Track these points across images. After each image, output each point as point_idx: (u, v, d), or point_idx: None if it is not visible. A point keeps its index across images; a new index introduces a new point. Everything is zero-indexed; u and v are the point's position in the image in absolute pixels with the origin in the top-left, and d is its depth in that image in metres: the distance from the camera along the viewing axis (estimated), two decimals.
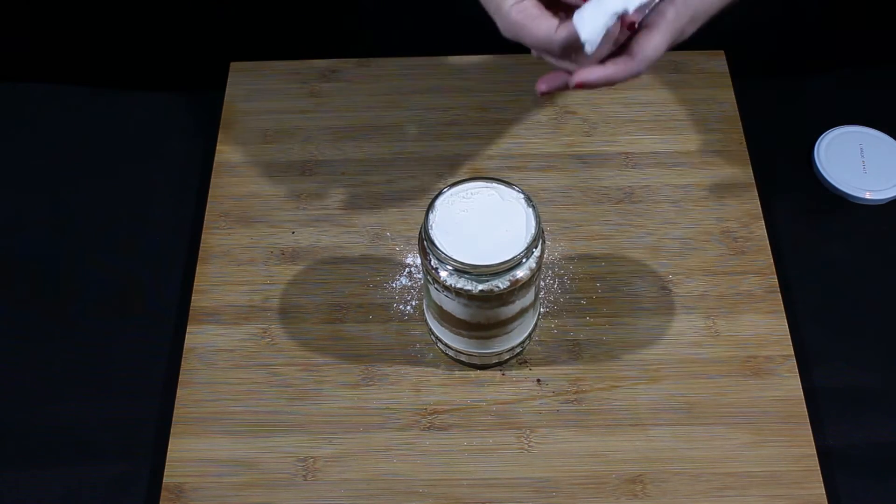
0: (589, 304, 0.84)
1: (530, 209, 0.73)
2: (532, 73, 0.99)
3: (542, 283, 0.85)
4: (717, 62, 1.00)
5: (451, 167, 0.93)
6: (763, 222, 0.88)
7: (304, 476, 0.76)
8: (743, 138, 0.94)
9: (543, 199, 0.90)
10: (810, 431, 0.77)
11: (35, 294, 0.88)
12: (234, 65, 1.01)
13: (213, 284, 0.86)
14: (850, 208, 0.91)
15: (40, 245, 0.91)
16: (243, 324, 0.84)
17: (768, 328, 0.82)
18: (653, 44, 0.69)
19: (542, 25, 0.70)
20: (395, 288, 0.86)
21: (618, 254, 0.87)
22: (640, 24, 0.69)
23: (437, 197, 0.74)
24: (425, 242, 0.72)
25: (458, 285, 0.71)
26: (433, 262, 0.72)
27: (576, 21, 0.66)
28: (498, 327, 0.76)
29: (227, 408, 0.79)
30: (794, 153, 0.95)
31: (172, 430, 0.78)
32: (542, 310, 0.83)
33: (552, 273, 0.86)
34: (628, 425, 0.78)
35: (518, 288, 0.72)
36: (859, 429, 0.79)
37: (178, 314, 0.85)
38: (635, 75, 0.69)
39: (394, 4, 1.03)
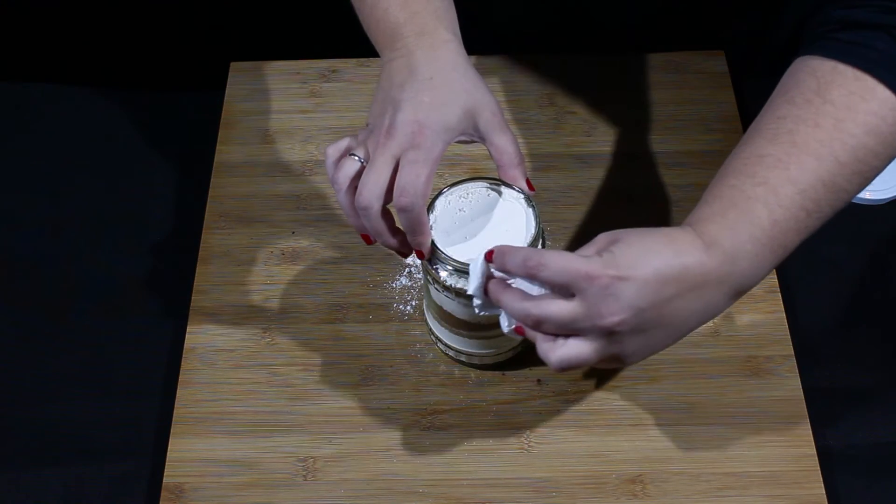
0: None
1: (530, 209, 0.72)
2: (533, 73, 1.00)
3: None
4: (717, 62, 1.00)
5: (451, 167, 0.93)
6: None
7: (304, 476, 0.76)
8: None
9: (543, 199, 0.90)
10: (810, 431, 0.77)
11: (35, 294, 0.88)
12: (234, 65, 1.01)
13: (213, 284, 0.86)
14: (850, 208, 0.91)
15: (40, 245, 0.91)
16: (243, 324, 0.84)
17: (768, 328, 0.82)
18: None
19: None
20: (395, 288, 0.86)
21: None
22: None
23: (436, 197, 0.74)
24: None
25: (458, 285, 0.71)
26: (433, 262, 0.72)
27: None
28: (498, 327, 0.76)
29: (228, 408, 0.79)
30: None
31: (172, 430, 0.78)
32: None
33: None
34: (628, 425, 0.78)
35: None
36: (859, 429, 0.79)
37: (178, 314, 0.85)
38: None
39: None
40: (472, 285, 0.67)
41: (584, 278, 0.59)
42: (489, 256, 0.65)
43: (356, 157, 0.68)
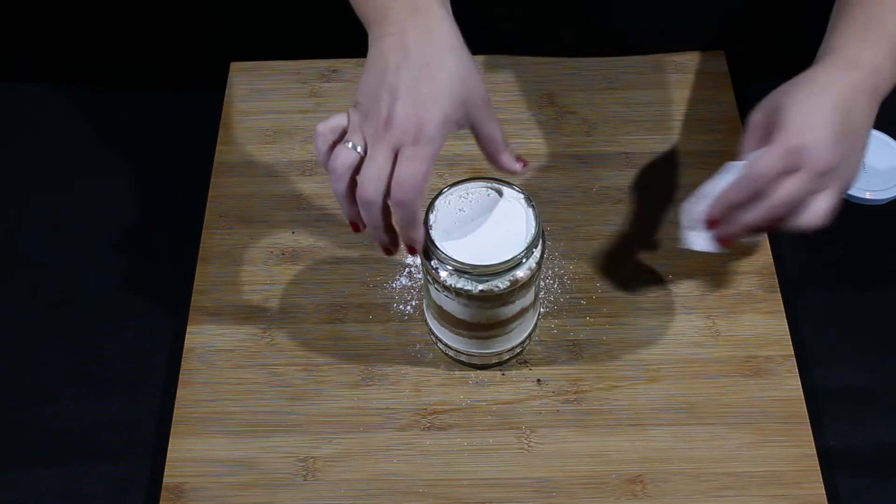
0: (589, 304, 0.84)
1: (530, 209, 0.73)
2: (533, 73, 1.00)
3: (542, 283, 0.85)
4: (717, 62, 1.00)
5: (451, 167, 0.93)
6: None
7: (304, 476, 0.76)
8: None
9: (543, 199, 0.90)
10: (810, 431, 0.77)
11: (35, 294, 0.88)
12: (234, 65, 1.01)
13: (213, 284, 0.86)
14: (850, 208, 0.91)
15: (40, 245, 0.91)
16: (243, 324, 0.84)
17: (768, 328, 0.82)
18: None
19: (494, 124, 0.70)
20: (395, 288, 0.86)
21: (618, 254, 0.87)
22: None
23: (436, 197, 0.74)
24: (425, 242, 0.72)
25: (458, 285, 0.71)
26: (433, 262, 0.72)
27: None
28: (498, 327, 0.76)
29: (227, 408, 0.79)
30: None
31: (172, 430, 0.78)
32: (542, 310, 0.83)
33: (552, 273, 0.86)
34: (628, 425, 0.78)
35: (518, 288, 0.72)
36: (859, 429, 0.79)
37: (178, 314, 0.85)
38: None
39: None
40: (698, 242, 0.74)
41: (792, 155, 0.68)
42: (712, 224, 0.72)
43: (350, 145, 0.67)
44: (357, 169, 0.67)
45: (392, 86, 0.66)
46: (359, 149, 0.67)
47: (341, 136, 0.68)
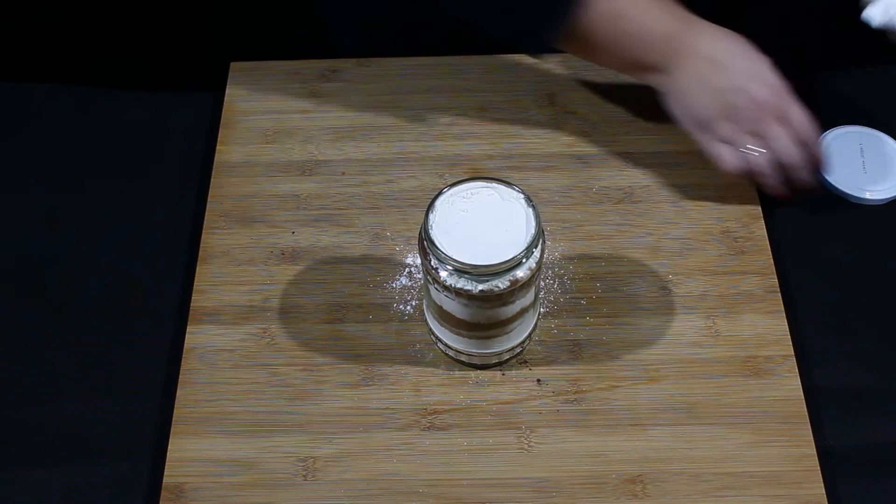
0: (589, 304, 0.84)
1: (530, 209, 0.73)
2: (533, 73, 1.00)
3: (542, 283, 0.85)
4: None
5: (451, 167, 0.93)
6: (763, 222, 0.88)
7: (304, 476, 0.76)
8: None
9: (543, 199, 0.90)
10: (810, 431, 0.77)
11: (35, 294, 0.88)
12: (234, 65, 1.01)
13: (213, 284, 0.86)
14: (850, 208, 0.91)
15: (40, 245, 0.91)
16: (243, 324, 0.84)
17: (768, 328, 0.82)
18: None
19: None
20: (395, 288, 0.86)
21: (618, 254, 0.87)
22: None
23: (437, 197, 0.74)
24: (425, 242, 0.72)
25: (458, 285, 0.71)
26: (433, 262, 0.72)
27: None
28: (498, 327, 0.76)
29: (227, 408, 0.79)
30: None
31: (172, 430, 0.78)
32: (542, 310, 0.83)
33: (552, 273, 0.86)
34: (628, 425, 0.78)
35: (518, 288, 0.72)
36: (859, 429, 0.79)
37: (178, 314, 0.85)
38: None
39: (393, 5, 1.03)
40: None
41: None
42: None
43: (751, 150, 0.82)
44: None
45: (733, 86, 0.82)
46: (755, 146, 0.82)
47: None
